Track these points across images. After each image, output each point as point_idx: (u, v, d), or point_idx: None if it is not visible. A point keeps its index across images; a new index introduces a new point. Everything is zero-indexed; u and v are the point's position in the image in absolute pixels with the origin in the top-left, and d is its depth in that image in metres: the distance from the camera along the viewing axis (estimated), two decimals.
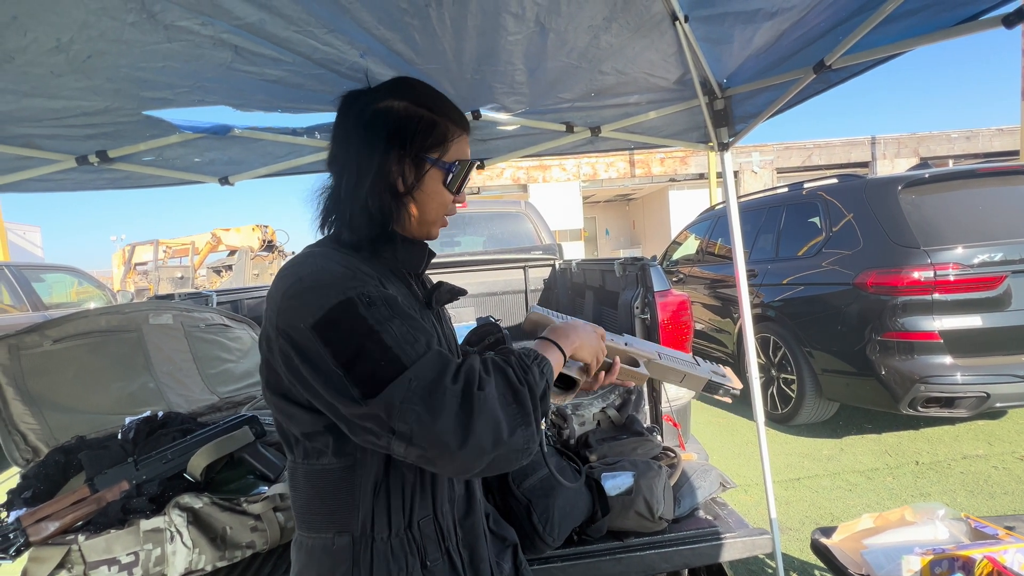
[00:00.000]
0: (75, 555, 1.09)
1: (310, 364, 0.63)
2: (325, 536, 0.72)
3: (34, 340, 1.56)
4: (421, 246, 0.81)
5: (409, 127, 0.74)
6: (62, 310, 5.41)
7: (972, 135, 13.43)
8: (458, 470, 0.61)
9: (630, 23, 1.36)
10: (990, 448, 3.16)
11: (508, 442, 0.60)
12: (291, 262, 0.72)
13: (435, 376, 0.61)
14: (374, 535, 0.71)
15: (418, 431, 0.58)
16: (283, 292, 0.67)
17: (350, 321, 0.63)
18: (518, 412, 0.63)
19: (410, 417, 0.58)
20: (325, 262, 0.69)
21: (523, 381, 0.65)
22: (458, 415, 0.59)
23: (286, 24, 1.20)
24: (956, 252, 2.92)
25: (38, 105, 1.46)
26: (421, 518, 0.73)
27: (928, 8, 1.09)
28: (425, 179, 0.76)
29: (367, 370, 0.61)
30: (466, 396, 0.60)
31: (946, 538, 1.19)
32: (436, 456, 0.59)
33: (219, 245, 11.03)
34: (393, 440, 0.60)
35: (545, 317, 0.95)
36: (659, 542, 1.22)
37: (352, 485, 0.70)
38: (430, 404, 0.59)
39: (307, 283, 0.66)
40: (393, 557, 0.70)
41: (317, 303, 0.64)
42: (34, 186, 1.90)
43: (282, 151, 1.99)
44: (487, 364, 0.65)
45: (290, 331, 0.65)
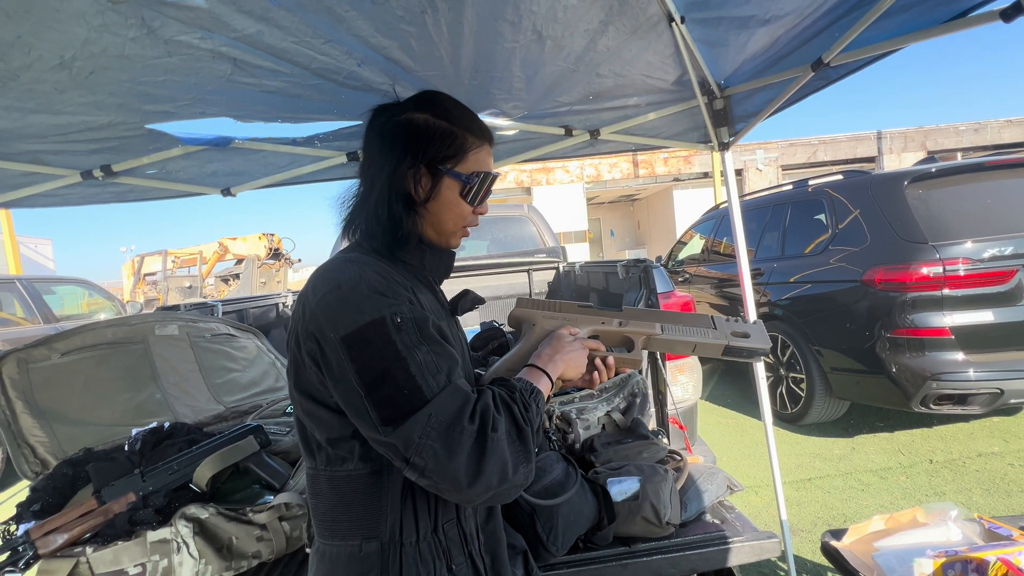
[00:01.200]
0: (83, 567, 1.10)
1: (333, 375, 0.66)
2: (352, 543, 0.71)
3: (42, 353, 1.58)
4: (449, 254, 0.84)
5: (425, 138, 0.76)
6: (73, 322, 5.48)
7: (980, 127, 13.27)
8: (462, 501, 0.65)
9: (627, 26, 1.36)
10: (1006, 445, 3.11)
11: (511, 480, 0.65)
12: (329, 267, 0.72)
13: (454, 414, 0.63)
14: (402, 540, 0.71)
15: (433, 467, 0.61)
16: (319, 297, 0.68)
17: (380, 343, 0.64)
18: (522, 450, 0.66)
19: (427, 453, 0.61)
20: (363, 270, 0.69)
21: (527, 420, 0.68)
22: (471, 455, 0.62)
23: (283, 35, 1.21)
24: (965, 247, 2.88)
25: (43, 121, 1.48)
26: (446, 522, 0.74)
27: (923, 3, 1.08)
28: (441, 190, 0.77)
29: (388, 396, 0.63)
30: (480, 437, 0.63)
31: (959, 539, 1.16)
32: (446, 489, 0.63)
33: (226, 254, 11.14)
34: (407, 468, 0.63)
35: (529, 313, 0.91)
36: (666, 547, 1.20)
37: (379, 491, 0.70)
38: (447, 442, 0.61)
39: (344, 292, 0.67)
40: (422, 561, 0.71)
41: (350, 316, 0.65)
42: (41, 201, 1.93)
43: (283, 161, 2.01)
44: (497, 402, 0.68)
45: (319, 337, 0.66)
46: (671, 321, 0.89)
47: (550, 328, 0.88)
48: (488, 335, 2.40)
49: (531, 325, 0.90)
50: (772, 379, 3.88)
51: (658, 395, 1.83)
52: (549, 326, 0.88)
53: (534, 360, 0.80)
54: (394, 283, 0.70)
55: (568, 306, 0.91)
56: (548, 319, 0.89)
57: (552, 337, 0.84)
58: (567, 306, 0.91)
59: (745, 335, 0.87)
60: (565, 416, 1.58)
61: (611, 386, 1.69)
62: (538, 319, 0.90)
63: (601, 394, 1.66)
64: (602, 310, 0.91)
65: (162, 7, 1.08)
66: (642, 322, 0.89)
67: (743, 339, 0.87)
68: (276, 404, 1.85)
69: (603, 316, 0.90)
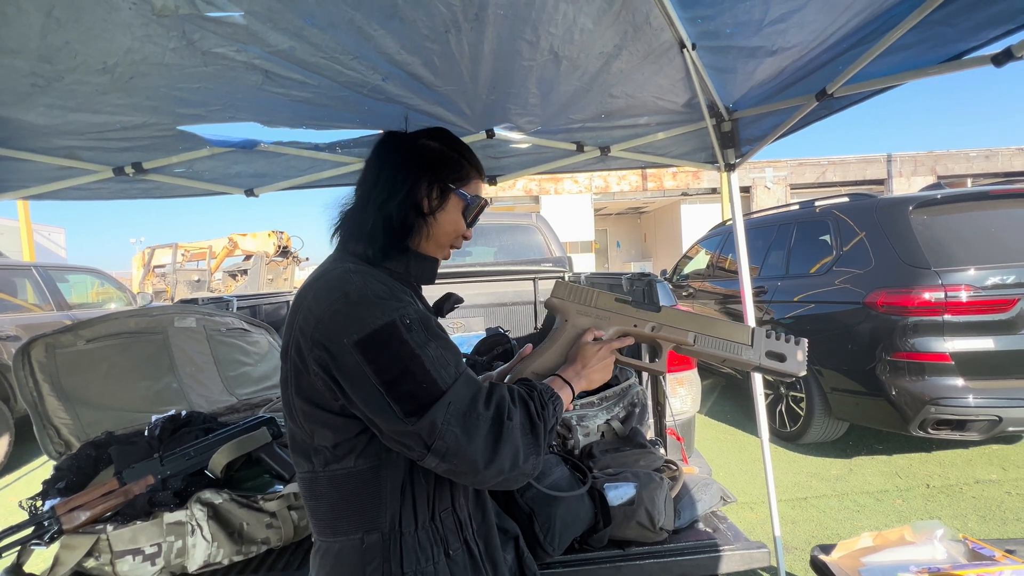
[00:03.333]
0: (103, 544, 1.16)
1: (349, 379, 0.69)
2: (354, 537, 0.75)
3: (69, 339, 1.65)
4: (433, 261, 0.88)
5: (440, 162, 0.86)
6: (84, 310, 5.58)
7: (991, 154, 13.25)
8: (476, 483, 0.71)
9: (640, 50, 1.42)
10: (1004, 473, 3.11)
11: (522, 467, 0.70)
12: (331, 278, 0.75)
13: (470, 401, 0.69)
14: (402, 530, 0.75)
15: (454, 450, 0.67)
16: (326, 306, 0.71)
17: (395, 343, 0.69)
18: (533, 443, 0.72)
19: (448, 438, 0.67)
20: (367, 279, 0.74)
21: (540, 416, 0.74)
22: (487, 439, 0.68)
23: (314, 51, 1.28)
24: (968, 274, 2.91)
25: (82, 120, 1.57)
26: (442, 511, 0.79)
27: (922, 43, 1.14)
28: (448, 206, 0.86)
29: (409, 391, 0.68)
30: (496, 423, 0.69)
31: (943, 558, 1.20)
32: (463, 471, 0.69)
33: (236, 250, 11.26)
34: (428, 455, 0.68)
35: (564, 306, 0.91)
36: (658, 552, 1.25)
37: (379, 484, 0.75)
38: (466, 427, 0.68)
39: (353, 299, 0.71)
40: (421, 549, 0.75)
41: (362, 321, 0.69)
42: (72, 194, 2.01)
43: (304, 165, 2.08)
44: (513, 395, 0.74)
45: (330, 344, 0.70)
46: (708, 331, 0.87)
47: (582, 326, 0.89)
48: (493, 341, 2.45)
49: (564, 320, 0.91)
50: (772, 397, 3.90)
51: (657, 406, 1.87)
52: (581, 324, 0.89)
53: (562, 372, 0.85)
54: (396, 289, 0.75)
55: (605, 299, 0.91)
56: (581, 315, 0.90)
57: (580, 349, 0.87)
58: (604, 299, 0.91)
59: (781, 357, 0.84)
60: (565, 422, 1.63)
61: (611, 395, 1.74)
62: (571, 314, 0.90)
63: (601, 403, 1.71)
64: (638, 308, 0.89)
65: (203, 22, 1.16)
66: (676, 329, 0.87)
67: (777, 362, 0.84)
68: None
69: (637, 317, 0.89)
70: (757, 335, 0.86)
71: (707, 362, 0.91)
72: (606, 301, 0.91)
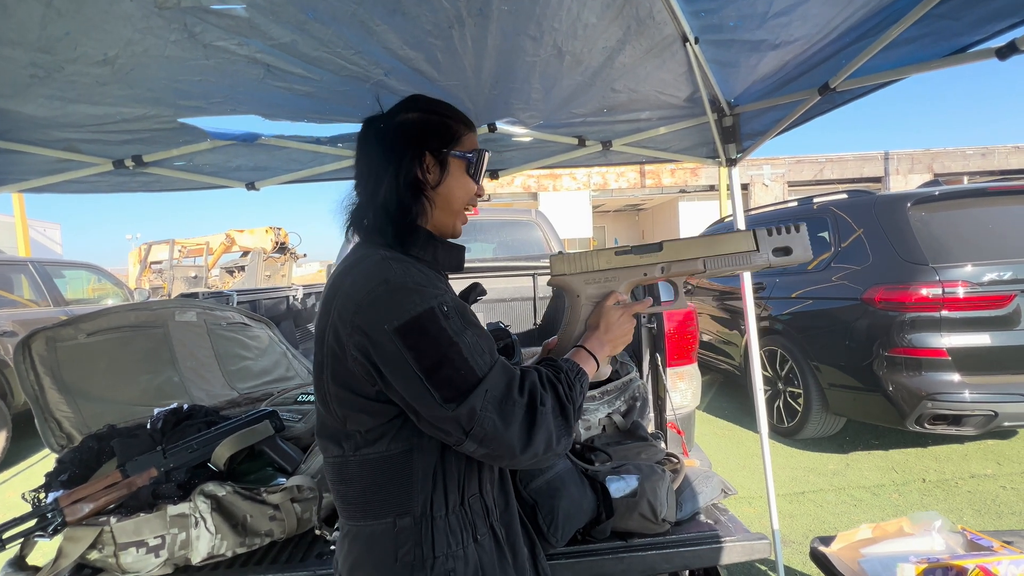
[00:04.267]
0: (107, 536, 1.16)
1: (389, 364, 0.70)
2: (386, 521, 0.76)
3: (69, 333, 1.65)
4: (459, 248, 0.87)
5: (424, 130, 0.83)
6: (81, 306, 5.55)
7: (987, 152, 13.30)
8: (511, 465, 0.75)
9: (643, 45, 1.42)
10: (999, 468, 3.14)
11: (555, 449, 0.73)
12: (369, 265, 0.75)
13: (505, 388, 0.71)
14: (433, 514, 0.76)
15: (492, 436, 0.69)
16: (366, 292, 0.71)
17: (434, 331, 0.70)
18: (564, 425, 0.74)
19: (487, 424, 0.68)
20: (406, 267, 0.74)
21: (570, 399, 0.75)
22: (523, 424, 0.70)
23: (316, 45, 1.28)
24: (965, 270, 2.93)
25: (82, 111, 1.56)
26: (470, 496, 0.80)
27: (925, 37, 1.14)
28: (450, 170, 0.84)
29: (448, 377, 0.69)
30: (530, 409, 0.71)
31: (942, 548, 1.21)
32: (500, 455, 0.71)
33: (233, 246, 11.22)
34: (466, 440, 0.69)
35: (570, 282, 0.88)
36: (660, 543, 1.26)
37: (411, 469, 0.75)
38: (503, 413, 0.69)
39: (393, 286, 0.71)
40: (451, 533, 0.76)
41: (402, 307, 0.70)
42: (71, 187, 2.00)
43: (306, 158, 2.08)
44: (543, 379, 0.75)
45: (370, 330, 0.70)
46: (714, 251, 0.86)
47: (594, 295, 0.87)
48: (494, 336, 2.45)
49: (575, 295, 0.88)
50: (770, 393, 3.93)
51: (657, 400, 1.88)
52: (593, 293, 0.87)
53: (583, 342, 0.85)
54: (432, 277, 0.76)
55: (606, 257, 0.88)
56: (589, 283, 0.88)
57: (602, 313, 0.86)
58: (604, 257, 0.88)
59: (787, 251, 0.84)
60: None
61: (613, 389, 1.75)
62: (580, 287, 0.88)
63: (603, 396, 1.72)
64: (642, 254, 0.87)
65: (205, 14, 1.16)
66: (685, 262, 0.86)
67: (785, 256, 0.84)
68: (287, 392, 1.91)
69: (645, 264, 0.87)
70: (760, 237, 0.85)
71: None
72: (607, 258, 0.88)
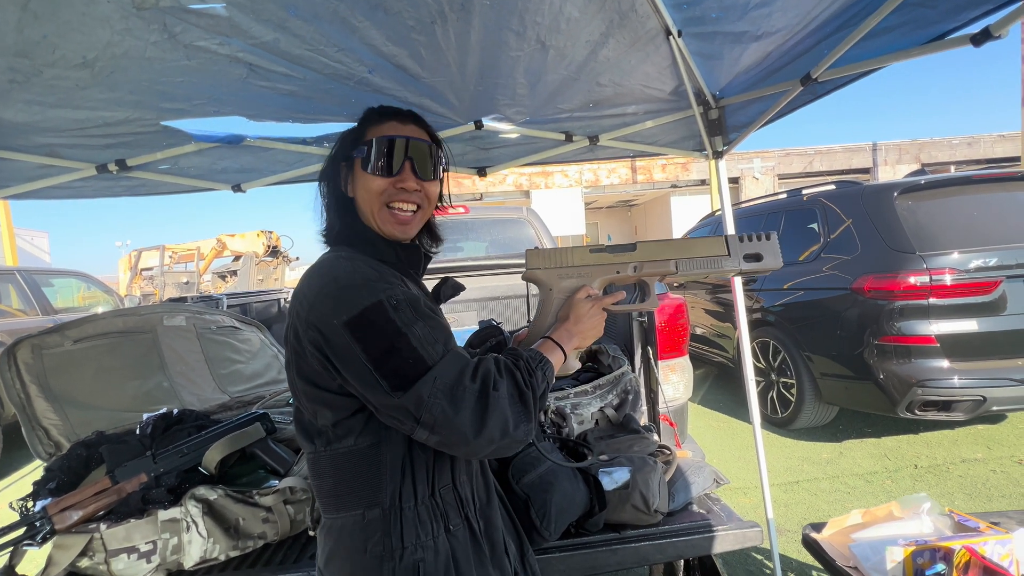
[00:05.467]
0: (97, 543, 1.15)
1: (340, 357, 0.72)
2: (356, 513, 0.77)
3: (55, 340, 1.63)
4: (415, 249, 0.90)
5: (341, 143, 0.87)
6: (70, 314, 5.50)
7: (973, 141, 13.45)
8: (469, 454, 0.73)
9: (626, 38, 1.43)
10: (989, 452, 3.18)
11: (512, 435, 0.71)
12: (322, 264, 0.79)
13: (457, 375, 0.71)
14: (402, 505, 0.77)
15: (442, 422, 0.68)
16: (317, 290, 0.74)
17: (381, 322, 0.71)
18: (522, 410, 0.73)
19: (436, 410, 0.68)
20: (356, 264, 0.77)
21: (528, 384, 0.74)
22: (475, 411, 0.69)
23: (299, 43, 1.27)
24: (952, 257, 2.97)
25: (62, 116, 1.54)
26: (442, 487, 0.80)
27: (904, 25, 1.16)
28: (355, 175, 0.85)
29: (395, 367, 0.70)
30: (482, 395, 0.70)
31: (930, 531, 1.23)
32: (454, 443, 0.70)
33: (224, 251, 11.13)
34: (418, 428, 0.69)
35: (544, 276, 0.90)
36: (654, 534, 1.26)
37: (379, 462, 0.77)
38: (452, 399, 0.69)
39: (342, 283, 0.74)
40: (420, 523, 0.77)
41: (350, 302, 0.72)
42: (55, 193, 1.98)
43: (292, 159, 2.07)
44: (500, 366, 0.74)
45: (321, 326, 0.72)
46: (686, 253, 0.88)
47: (567, 289, 0.89)
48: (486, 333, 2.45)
49: (548, 289, 0.90)
50: (763, 384, 3.95)
51: (650, 393, 1.89)
52: (566, 287, 0.89)
53: (551, 333, 0.86)
54: (385, 272, 0.77)
55: (580, 254, 0.90)
56: (564, 278, 0.90)
57: (572, 305, 0.87)
58: (579, 254, 0.90)
59: (758, 257, 0.87)
60: (560, 411, 1.64)
61: (605, 383, 1.76)
62: (553, 281, 0.90)
63: (595, 391, 1.72)
64: (616, 253, 0.89)
65: (184, 14, 1.14)
66: (656, 262, 0.89)
67: (755, 262, 0.87)
68: (279, 395, 1.90)
69: (618, 263, 0.89)
70: (732, 243, 0.87)
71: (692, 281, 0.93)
72: (582, 255, 0.90)
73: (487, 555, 0.83)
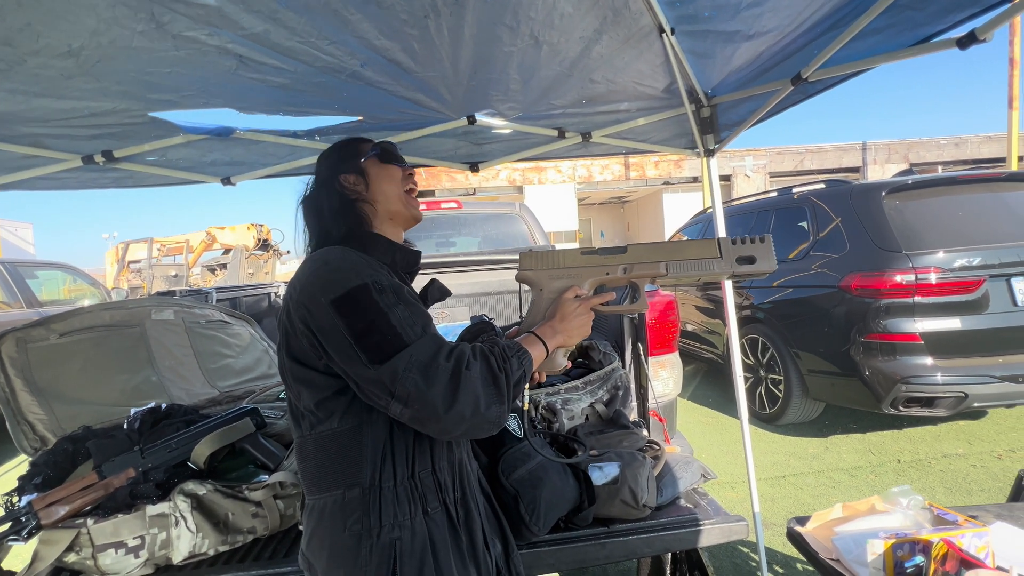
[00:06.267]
0: (84, 538, 1.14)
1: (324, 332, 0.77)
2: (336, 493, 0.80)
3: (40, 334, 1.61)
4: (414, 253, 0.97)
5: (331, 159, 0.97)
6: (56, 307, 5.41)
7: (961, 142, 13.63)
8: (441, 431, 0.75)
9: (619, 35, 1.43)
10: (970, 447, 3.25)
11: (484, 414, 0.74)
12: (318, 253, 0.85)
13: (432, 354, 0.74)
14: (381, 485, 0.79)
15: (415, 395, 0.72)
16: (310, 273, 0.80)
17: (364, 301, 0.76)
18: (494, 392, 0.76)
19: (409, 384, 0.72)
20: (347, 253, 0.83)
21: (501, 368, 0.78)
22: (447, 386, 0.72)
23: (289, 35, 1.25)
24: (937, 256, 3.01)
25: (47, 105, 1.51)
26: (421, 470, 0.83)
27: (892, 27, 1.17)
28: (369, 174, 0.94)
29: (375, 342, 0.74)
30: (455, 373, 0.73)
31: (910, 524, 1.26)
32: (426, 417, 0.73)
33: (214, 244, 11.02)
34: (392, 401, 0.73)
35: (535, 277, 0.92)
36: (642, 528, 1.28)
37: (360, 444, 0.80)
38: (426, 375, 0.72)
39: (332, 266, 0.80)
40: (399, 502, 0.80)
41: (338, 283, 0.77)
42: (40, 184, 1.94)
43: (283, 152, 2.05)
44: (475, 350, 0.78)
45: (310, 304, 0.78)
46: (677, 256, 0.88)
47: (557, 288, 0.91)
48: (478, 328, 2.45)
49: (539, 290, 0.92)
50: (752, 380, 4.00)
51: (640, 389, 1.91)
52: (556, 287, 0.91)
53: (536, 328, 0.89)
54: (375, 263, 0.83)
55: (572, 256, 0.92)
56: (555, 279, 0.91)
57: (559, 304, 0.90)
58: (571, 256, 0.92)
59: (751, 259, 0.86)
60: (550, 406, 1.65)
61: (595, 379, 1.77)
62: (544, 282, 0.91)
63: (586, 386, 1.73)
64: (607, 255, 0.91)
65: (172, 3, 1.13)
66: (647, 264, 0.89)
67: (748, 264, 0.86)
68: (269, 390, 1.89)
69: (608, 264, 0.90)
70: (724, 245, 0.87)
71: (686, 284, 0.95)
72: (573, 258, 0.92)
73: (464, 544, 0.85)
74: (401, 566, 0.77)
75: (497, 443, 1.34)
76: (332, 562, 0.79)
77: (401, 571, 0.77)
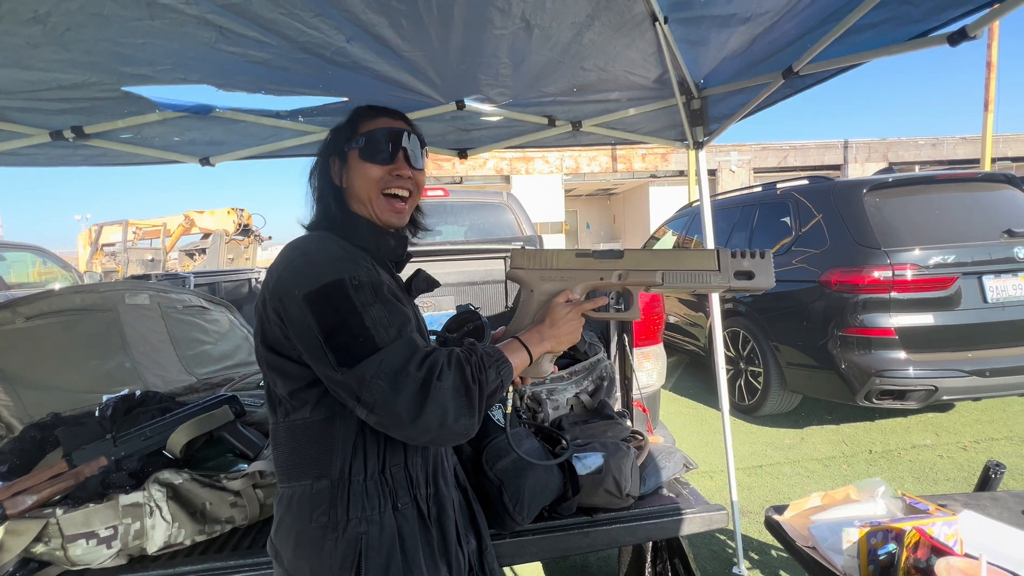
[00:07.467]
0: (52, 528, 1.10)
1: (295, 327, 0.74)
2: (305, 483, 0.79)
3: (6, 317, 1.53)
4: (399, 238, 0.93)
5: (330, 139, 0.92)
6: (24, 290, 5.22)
7: (938, 142, 13.97)
8: (408, 438, 0.73)
9: (612, 22, 1.41)
10: (937, 439, 3.37)
11: (451, 426, 0.71)
12: (297, 241, 0.82)
13: (402, 361, 0.71)
14: (351, 478, 0.78)
15: (380, 404, 0.70)
16: (287, 263, 0.78)
17: (338, 299, 0.73)
18: (465, 404, 0.73)
19: (376, 391, 0.69)
20: (327, 244, 0.80)
21: (476, 379, 0.74)
22: (415, 397, 0.70)
23: (272, 6, 1.20)
24: (913, 253, 3.09)
25: (12, 76, 1.43)
26: (393, 465, 0.81)
27: (885, 22, 1.17)
28: (349, 164, 0.88)
29: (344, 342, 0.71)
30: (425, 384, 0.70)
31: (884, 513, 1.29)
32: (390, 425, 0.71)
33: (192, 228, 10.72)
34: (358, 406, 0.71)
35: (527, 276, 0.89)
36: (625, 517, 1.29)
37: (331, 435, 0.78)
38: (394, 384, 0.69)
39: (309, 258, 0.77)
40: (367, 497, 0.78)
41: (313, 277, 0.74)
42: (4, 160, 1.85)
43: (264, 133, 1.98)
44: (450, 358, 0.75)
45: (284, 296, 0.75)
46: (674, 265, 0.86)
47: (548, 291, 0.88)
48: (463, 318, 2.43)
49: (529, 290, 0.89)
50: (732, 372, 4.07)
51: (624, 380, 1.92)
52: (548, 289, 0.88)
53: (520, 334, 0.85)
54: (355, 255, 0.80)
55: (566, 257, 0.89)
56: (546, 280, 0.88)
57: (549, 308, 0.86)
58: (565, 257, 0.89)
59: (749, 275, 0.83)
60: (535, 396, 1.65)
61: (581, 370, 1.77)
62: (535, 282, 0.88)
63: (571, 377, 1.74)
64: (602, 259, 0.88)
65: None
66: (642, 272, 0.86)
67: (746, 280, 0.83)
68: (249, 377, 1.85)
69: (602, 269, 0.87)
70: (723, 258, 0.84)
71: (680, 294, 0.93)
72: (567, 259, 0.89)
73: (436, 540, 0.83)
74: (367, 561, 0.75)
75: (481, 433, 1.33)
76: (298, 552, 0.77)
77: (366, 566, 0.75)
